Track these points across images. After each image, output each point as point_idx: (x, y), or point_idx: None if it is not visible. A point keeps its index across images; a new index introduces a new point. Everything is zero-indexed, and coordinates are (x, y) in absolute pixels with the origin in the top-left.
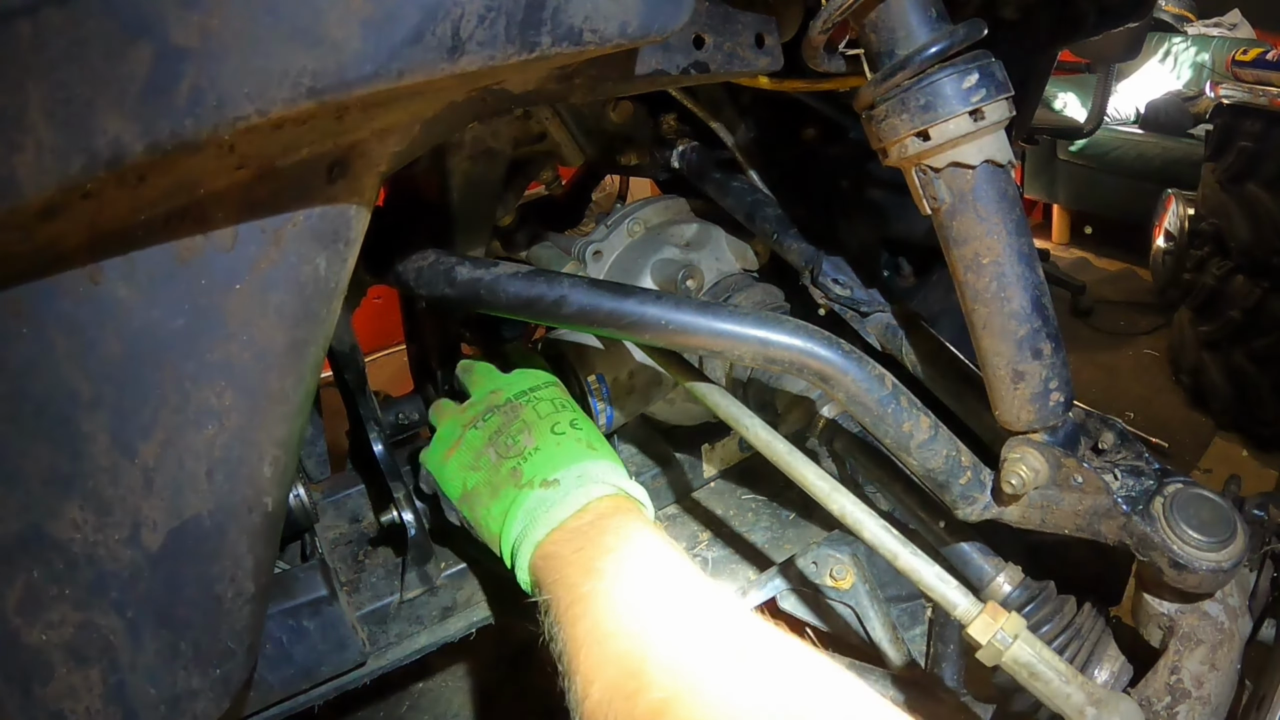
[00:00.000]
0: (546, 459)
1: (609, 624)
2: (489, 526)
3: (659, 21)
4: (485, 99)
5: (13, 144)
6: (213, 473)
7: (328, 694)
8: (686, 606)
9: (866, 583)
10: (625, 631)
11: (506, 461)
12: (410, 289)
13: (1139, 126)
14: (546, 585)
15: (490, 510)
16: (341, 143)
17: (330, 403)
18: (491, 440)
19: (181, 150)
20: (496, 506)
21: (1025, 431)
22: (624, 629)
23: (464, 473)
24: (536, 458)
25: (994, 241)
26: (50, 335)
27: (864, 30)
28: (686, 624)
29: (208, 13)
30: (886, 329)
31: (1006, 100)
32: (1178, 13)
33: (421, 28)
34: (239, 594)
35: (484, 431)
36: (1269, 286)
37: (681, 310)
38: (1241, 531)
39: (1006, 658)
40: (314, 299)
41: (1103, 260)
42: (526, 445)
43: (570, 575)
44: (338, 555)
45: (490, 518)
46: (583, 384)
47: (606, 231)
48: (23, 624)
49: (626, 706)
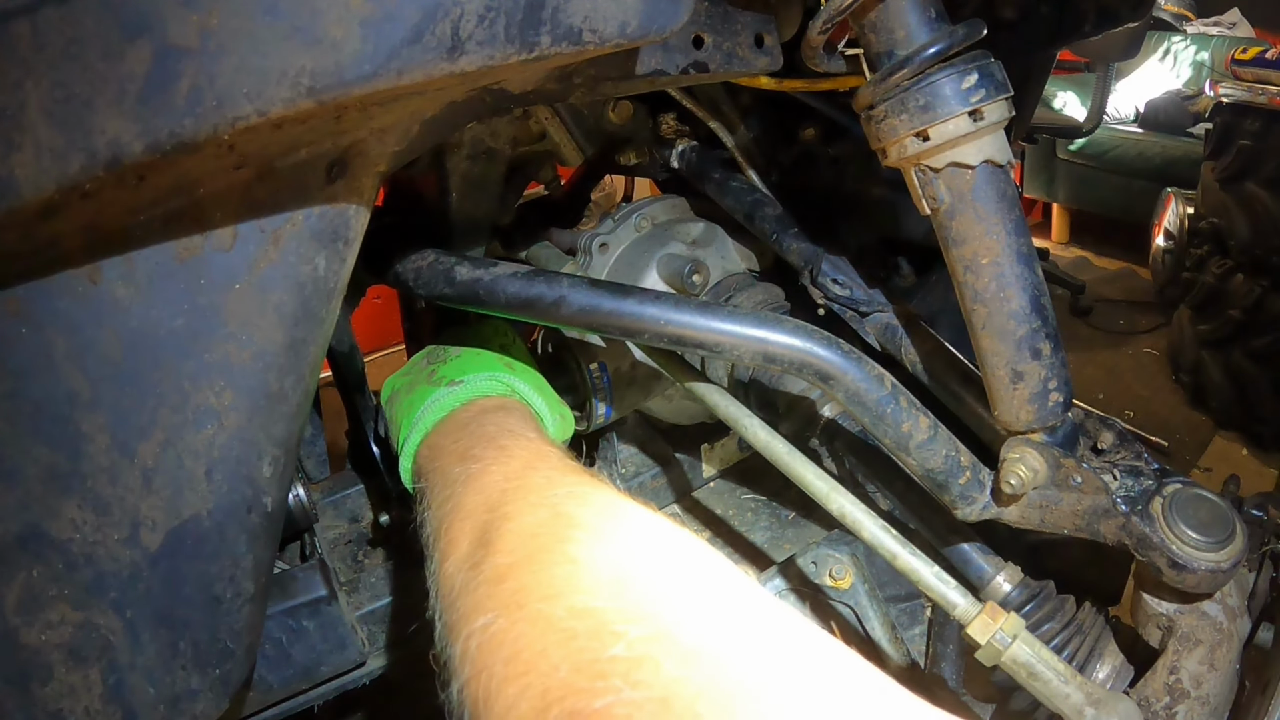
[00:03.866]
0: (462, 364)
1: (471, 504)
2: (396, 421)
3: (658, 21)
4: (484, 99)
5: (12, 144)
6: (212, 472)
7: (327, 694)
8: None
9: (866, 582)
10: (484, 506)
11: (430, 367)
12: (410, 289)
13: (1138, 125)
14: (425, 474)
15: (401, 405)
16: (340, 142)
17: (330, 403)
18: (429, 353)
19: (180, 150)
20: (407, 401)
21: (1024, 431)
22: (483, 505)
23: (396, 379)
24: (455, 363)
25: (993, 242)
26: (49, 335)
27: (863, 30)
28: (545, 500)
29: (206, 12)
30: (886, 329)
31: (1006, 100)
32: (1177, 12)
33: (421, 27)
34: (238, 594)
35: (427, 349)
36: (1268, 285)
37: (681, 310)
38: (1240, 532)
39: (1005, 658)
40: (313, 299)
41: (1102, 259)
42: (452, 355)
43: (446, 464)
44: (337, 555)
45: (399, 411)
46: (584, 372)
47: (614, 225)
48: (22, 624)
49: (472, 574)
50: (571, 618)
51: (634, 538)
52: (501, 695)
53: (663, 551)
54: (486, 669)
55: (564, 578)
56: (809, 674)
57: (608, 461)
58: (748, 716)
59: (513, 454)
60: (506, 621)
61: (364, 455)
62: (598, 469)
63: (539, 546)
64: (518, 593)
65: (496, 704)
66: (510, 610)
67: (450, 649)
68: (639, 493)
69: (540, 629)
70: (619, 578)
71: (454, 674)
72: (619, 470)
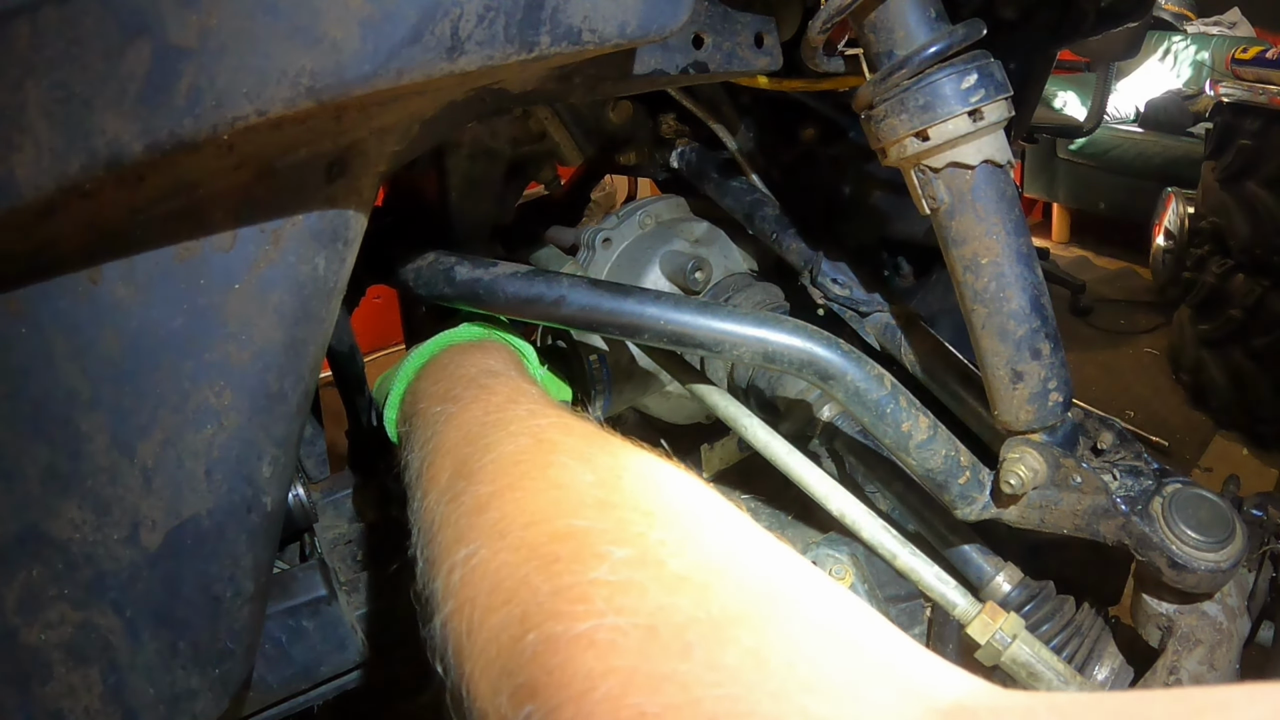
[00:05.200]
0: (454, 333)
1: (451, 439)
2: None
3: (658, 21)
4: (484, 99)
5: (12, 144)
6: (211, 472)
7: (327, 694)
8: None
9: (865, 583)
10: (464, 440)
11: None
12: (409, 289)
13: (1139, 125)
14: (408, 419)
15: (391, 374)
16: (340, 142)
17: (330, 403)
18: None
19: (180, 150)
20: (393, 368)
21: (1024, 431)
22: (464, 439)
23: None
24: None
25: (993, 241)
26: (49, 335)
27: (863, 30)
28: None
29: (206, 12)
30: (886, 329)
31: (1005, 100)
32: (1177, 11)
33: (420, 27)
34: (238, 594)
35: None
36: (1269, 285)
37: (681, 310)
38: (1240, 532)
39: (1005, 658)
40: (313, 299)
41: (1103, 259)
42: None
43: (427, 405)
44: (337, 555)
45: (389, 381)
46: (585, 364)
47: (618, 221)
48: (22, 624)
49: (452, 506)
50: (554, 541)
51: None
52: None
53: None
54: (469, 600)
55: (547, 503)
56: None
57: None
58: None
59: (494, 390)
60: (489, 551)
61: (364, 455)
62: None
63: (520, 474)
64: (500, 521)
65: (479, 636)
66: (493, 540)
67: (432, 584)
68: None
69: (523, 555)
70: (603, 499)
71: (436, 608)
72: None
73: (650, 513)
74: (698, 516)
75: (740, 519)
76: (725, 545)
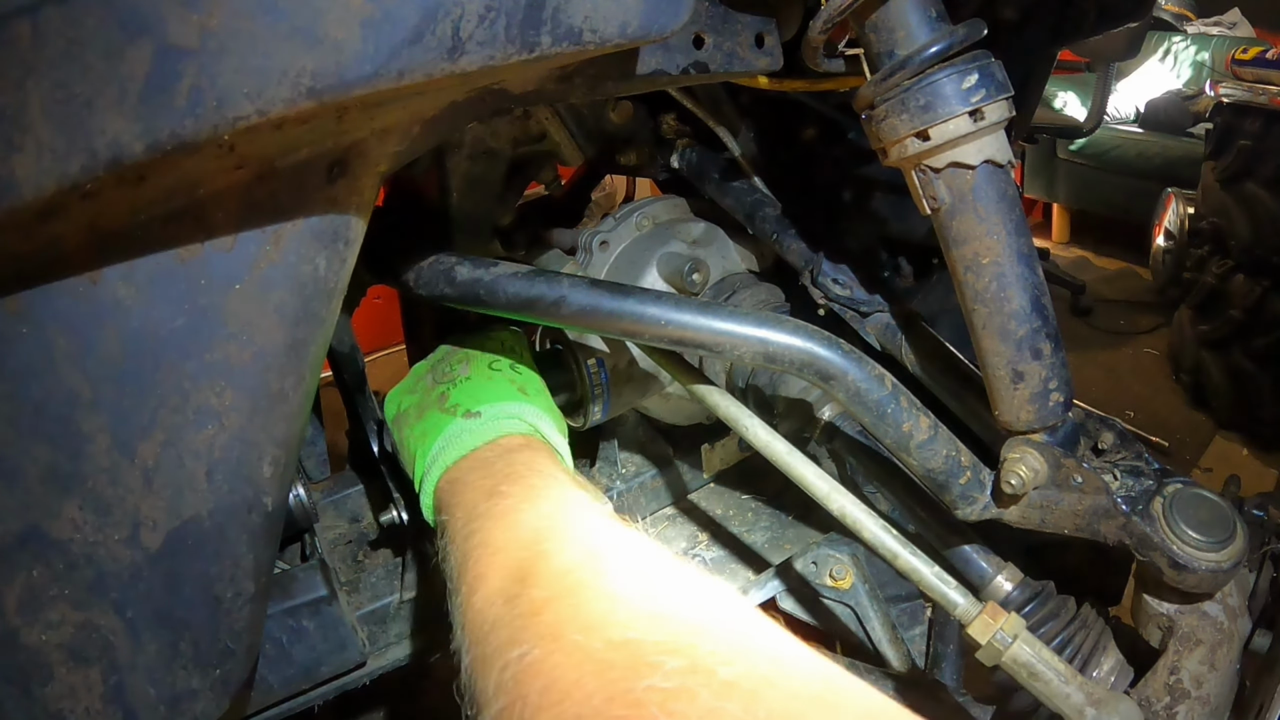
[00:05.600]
0: (475, 390)
1: (501, 539)
2: (409, 447)
3: (659, 22)
4: (485, 99)
5: (12, 144)
6: (212, 473)
7: (328, 694)
8: (585, 526)
9: (866, 583)
10: (517, 544)
11: (438, 387)
12: (410, 289)
13: (1139, 125)
14: (447, 508)
15: (413, 431)
16: (341, 143)
17: (330, 403)
18: (433, 368)
19: (181, 150)
20: (419, 428)
21: (1025, 432)
22: (516, 541)
23: (401, 396)
24: (466, 386)
25: (994, 242)
26: (50, 335)
27: (864, 30)
28: (581, 539)
29: (207, 12)
30: (886, 329)
31: (1006, 100)
32: (1177, 11)
33: (421, 27)
34: (238, 594)
35: (429, 361)
36: (1269, 285)
37: (681, 310)
38: (1241, 532)
39: (1006, 658)
40: (313, 299)
41: (1103, 259)
42: (460, 374)
43: (470, 498)
44: (338, 555)
45: (412, 438)
46: (583, 369)
47: (615, 223)
48: (22, 624)
49: (507, 609)
50: (609, 649)
51: (670, 577)
52: None
53: (698, 591)
54: (521, 699)
55: (602, 612)
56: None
57: (608, 462)
58: None
59: (542, 494)
60: (542, 652)
61: (364, 455)
62: (598, 470)
63: (577, 582)
64: (554, 625)
65: None
66: (546, 641)
67: (481, 681)
68: (639, 493)
69: (576, 659)
70: (656, 612)
71: (485, 705)
72: (619, 471)
73: (700, 625)
74: (745, 628)
75: (781, 632)
76: (771, 654)
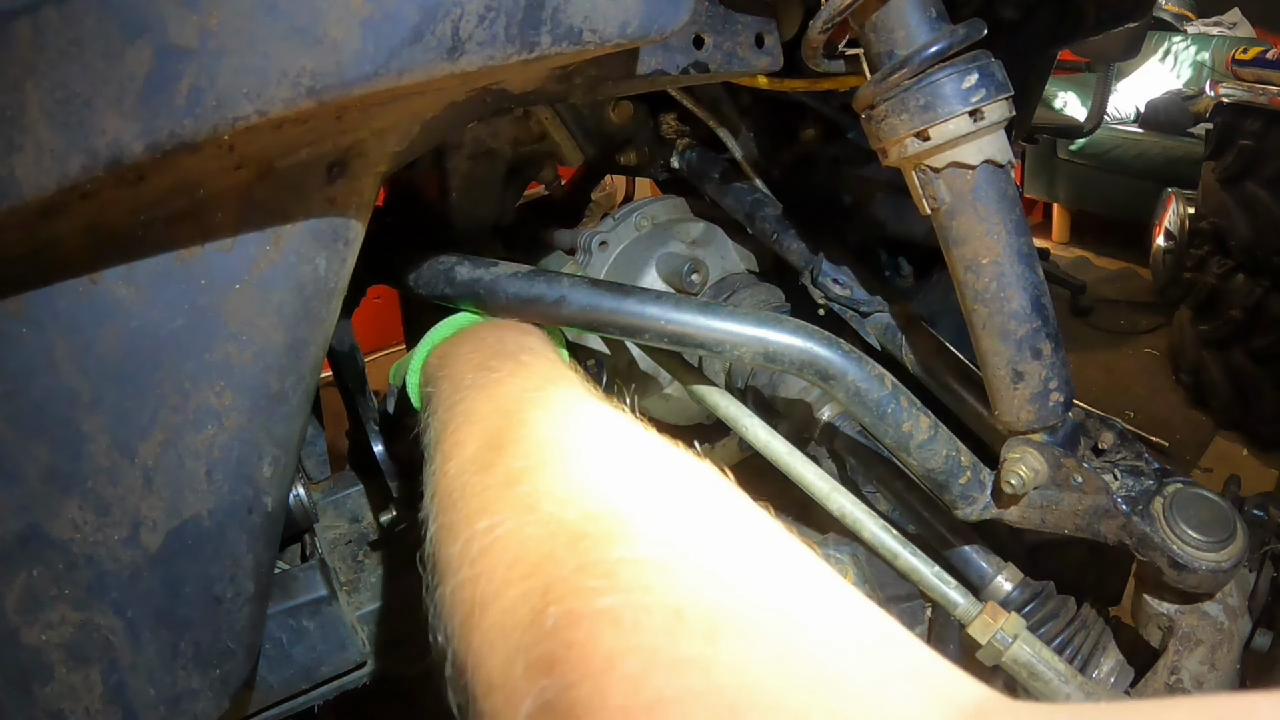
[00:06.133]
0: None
1: (484, 409)
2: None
3: (659, 22)
4: (485, 99)
5: (12, 144)
6: (212, 473)
7: (328, 694)
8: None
9: (866, 583)
10: (499, 413)
11: None
12: (410, 289)
13: (1139, 125)
14: (434, 380)
15: (413, 353)
16: (341, 143)
17: (330, 403)
18: None
19: (181, 150)
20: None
21: (1025, 431)
22: (498, 411)
23: None
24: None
25: (994, 241)
26: (50, 335)
27: (864, 30)
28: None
29: (207, 12)
30: (886, 329)
31: (1006, 100)
32: (1177, 12)
33: (421, 28)
34: (238, 594)
35: None
36: (1269, 285)
37: (681, 310)
38: (1241, 532)
39: (1006, 658)
40: (313, 299)
41: (1103, 259)
42: None
43: (458, 370)
44: (338, 555)
45: (411, 358)
46: (581, 368)
47: (614, 224)
48: (22, 624)
49: (479, 477)
50: (585, 520)
51: (655, 455)
52: (502, 597)
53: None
54: (487, 571)
55: (581, 483)
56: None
57: None
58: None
59: (532, 369)
60: (514, 524)
61: (364, 455)
62: None
63: (557, 454)
64: (530, 495)
65: (495, 606)
66: (520, 513)
67: (447, 549)
68: None
69: (550, 530)
70: (639, 488)
71: (448, 574)
72: None
73: (685, 504)
74: (731, 514)
75: (773, 525)
76: (757, 544)
